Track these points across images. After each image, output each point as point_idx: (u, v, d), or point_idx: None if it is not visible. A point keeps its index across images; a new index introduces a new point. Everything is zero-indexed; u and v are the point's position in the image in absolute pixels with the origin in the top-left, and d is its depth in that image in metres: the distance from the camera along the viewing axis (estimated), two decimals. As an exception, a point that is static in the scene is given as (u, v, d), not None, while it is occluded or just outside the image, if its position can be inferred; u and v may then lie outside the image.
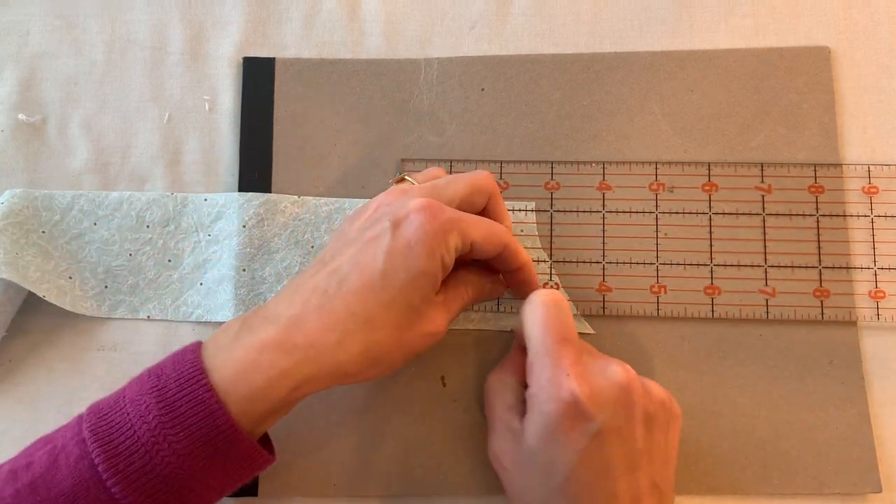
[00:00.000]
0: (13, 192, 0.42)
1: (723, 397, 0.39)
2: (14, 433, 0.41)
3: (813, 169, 0.41)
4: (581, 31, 0.44)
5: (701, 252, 0.41)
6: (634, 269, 0.41)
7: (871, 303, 0.40)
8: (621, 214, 0.41)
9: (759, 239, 0.41)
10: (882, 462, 0.39)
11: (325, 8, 0.45)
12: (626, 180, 0.42)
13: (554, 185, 0.42)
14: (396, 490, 0.39)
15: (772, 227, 0.41)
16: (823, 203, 0.41)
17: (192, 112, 0.44)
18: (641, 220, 0.41)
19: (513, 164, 0.42)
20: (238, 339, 0.32)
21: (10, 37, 0.45)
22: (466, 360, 0.40)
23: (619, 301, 0.41)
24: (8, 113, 0.44)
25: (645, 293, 0.41)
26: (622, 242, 0.41)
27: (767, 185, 0.41)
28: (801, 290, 0.40)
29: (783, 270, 0.40)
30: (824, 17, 0.44)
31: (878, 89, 0.43)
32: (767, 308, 0.40)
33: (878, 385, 0.40)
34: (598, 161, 0.42)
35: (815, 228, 0.41)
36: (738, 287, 0.40)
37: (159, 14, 0.45)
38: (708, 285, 0.40)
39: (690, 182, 0.42)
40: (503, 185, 0.42)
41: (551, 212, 0.42)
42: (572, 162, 0.42)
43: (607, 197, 0.42)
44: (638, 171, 0.42)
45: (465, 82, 0.43)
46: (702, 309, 0.40)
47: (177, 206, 0.43)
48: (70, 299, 0.41)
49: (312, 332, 0.31)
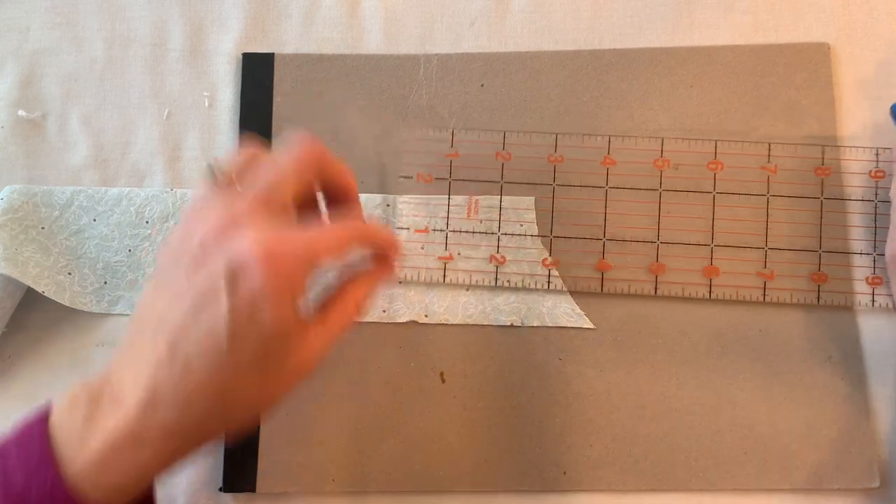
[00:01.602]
0: (13, 188, 0.42)
1: (722, 392, 0.39)
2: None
3: (821, 150, 0.41)
4: (580, 28, 0.44)
5: (702, 232, 0.41)
6: (634, 248, 0.41)
7: (868, 289, 0.40)
8: (624, 191, 0.41)
9: (762, 220, 0.41)
10: (881, 458, 0.39)
11: (325, 4, 0.45)
12: (632, 155, 0.42)
13: (557, 159, 0.42)
14: (395, 486, 0.39)
15: (775, 208, 0.41)
16: (829, 186, 0.41)
17: (191, 108, 0.44)
18: (644, 197, 0.41)
19: (516, 135, 0.42)
20: (88, 426, 0.28)
21: (10, 33, 0.45)
22: (465, 356, 0.40)
23: (617, 279, 0.41)
24: (8, 109, 0.44)
25: (644, 272, 0.41)
26: (623, 220, 0.41)
27: (774, 166, 0.41)
28: (798, 274, 0.40)
29: (783, 253, 0.40)
30: (823, 14, 0.44)
31: (877, 86, 0.43)
32: (765, 291, 0.40)
33: (877, 380, 0.40)
34: (604, 134, 0.42)
35: (819, 212, 0.41)
36: (736, 269, 0.40)
37: (159, 11, 0.45)
38: (707, 266, 0.40)
39: (696, 160, 0.41)
40: (506, 156, 0.42)
41: (553, 185, 0.42)
42: (577, 134, 0.42)
43: (611, 172, 0.41)
44: (644, 146, 0.42)
45: (464, 78, 0.43)
46: (699, 290, 0.40)
47: (176, 202, 0.43)
48: (69, 295, 0.41)
49: (167, 422, 0.28)
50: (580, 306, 0.40)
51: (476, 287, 0.41)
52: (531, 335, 0.40)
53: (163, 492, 0.39)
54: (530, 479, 0.39)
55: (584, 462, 0.39)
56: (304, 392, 0.40)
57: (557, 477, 0.39)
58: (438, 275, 0.41)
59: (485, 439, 0.39)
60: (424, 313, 0.41)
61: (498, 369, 0.40)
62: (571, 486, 0.39)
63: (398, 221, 0.42)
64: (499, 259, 0.41)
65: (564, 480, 0.39)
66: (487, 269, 0.41)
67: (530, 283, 0.40)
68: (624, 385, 0.40)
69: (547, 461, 0.39)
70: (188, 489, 0.39)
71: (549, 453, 0.39)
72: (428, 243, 0.41)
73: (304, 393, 0.40)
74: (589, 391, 0.40)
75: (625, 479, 0.39)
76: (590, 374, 0.40)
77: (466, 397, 0.40)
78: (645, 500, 0.39)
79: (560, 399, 0.40)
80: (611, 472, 0.39)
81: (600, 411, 0.39)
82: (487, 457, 0.39)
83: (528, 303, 0.41)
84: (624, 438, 0.39)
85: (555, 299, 0.40)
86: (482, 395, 0.40)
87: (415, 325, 0.41)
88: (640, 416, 0.39)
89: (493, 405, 0.40)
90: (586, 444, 0.39)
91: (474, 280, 0.41)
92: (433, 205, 0.42)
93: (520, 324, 0.40)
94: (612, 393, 0.40)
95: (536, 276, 0.41)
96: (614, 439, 0.39)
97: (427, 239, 0.41)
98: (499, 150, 0.42)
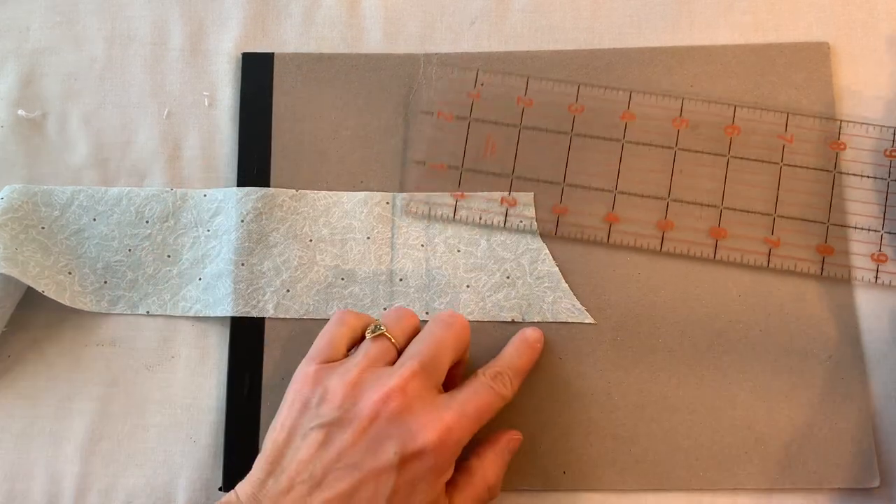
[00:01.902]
0: (12, 187, 0.42)
1: (722, 392, 0.39)
2: (13, 429, 0.41)
3: (838, 125, 0.41)
4: (580, 28, 0.44)
5: (713, 192, 0.41)
6: (645, 203, 0.41)
7: (872, 265, 0.40)
8: (640, 146, 0.42)
9: (773, 188, 0.41)
10: (881, 457, 0.39)
11: (325, 4, 0.45)
12: (651, 112, 0.42)
13: (578, 109, 0.42)
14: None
15: (787, 177, 0.41)
16: (843, 161, 0.41)
17: (191, 108, 0.44)
18: (659, 154, 0.41)
19: (540, 82, 0.42)
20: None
21: (10, 33, 0.45)
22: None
23: (624, 232, 0.41)
24: (8, 109, 0.44)
25: (651, 227, 0.41)
26: (637, 175, 0.41)
27: (790, 136, 0.41)
28: (805, 244, 0.40)
29: (791, 222, 0.40)
30: (823, 14, 0.44)
31: (877, 85, 0.43)
32: (769, 258, 0.40)
33: (878, 380, 0.40)
34: (626, 88, 0.42)
35: (830, 184, 0.41)
36: (744, 232, 0.40)
37: (159, 10, 0.45)
38: (714, 226, 0.40)
39: (714, 122, 0.42)
40: (527, 101, 0.42)
41: (571, 135, 0.42)
42: (600, 86, 0.42)
43: (629, 127, 0.42)
44: (664, 104, 0.42)
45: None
46: (705, 249, 0.40)
47: (176, 202, 0.43)
48: (69, 295, 0.41)
49: None
50: (581, 304, 0.41)
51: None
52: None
53: (163, 491, 0.40)
54: (530, 478, 0.39)
55: (584, 461, 0.39)
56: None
57: (557, 476, 0.39)
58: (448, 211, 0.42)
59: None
60: (425, 310, 0.41)
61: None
62: (571, 485, 0.39)
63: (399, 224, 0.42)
64: (510, 201, 0.42)
65: (564, 480, 0.39)
66: (499, 210, 0.41)
67: (539, 227, 0.41)
68: (624, 385, 0.40)
69: (547, 460, 0.39)
70: (188, 489, 0.39)
71: (549, 452, 0.39)
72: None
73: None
74: (589, 390, 0.40)
75: (625, 478, 0.39)
76: (590, 374, 0.40)
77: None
78: (645, 499, 0.39)
79: (560, 398, 0.39)
80: (611, 471, 0.39)
81: (600, 411, 0.39)
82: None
83: (529, 299, 0.41)
84: (624, 438, 0.39)
85: (555, 295, 0.40)
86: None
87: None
88: (640, 415, 0.39)
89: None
90: (586, 443, 0.39)
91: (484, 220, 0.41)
92: (433, 203, 0.42)
93: (521, 319, 0.40)
94: (612, 392, 0.40)
95: (545, 221, 0.41)
96: (614, 439, 0.39)
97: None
98: (520, 95, 0.42)
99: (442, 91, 0.43)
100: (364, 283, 0.41)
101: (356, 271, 0.41)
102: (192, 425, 0.40)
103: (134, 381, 0.41)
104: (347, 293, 0.41)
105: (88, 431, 0.40)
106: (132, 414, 0.41)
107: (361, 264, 0.41)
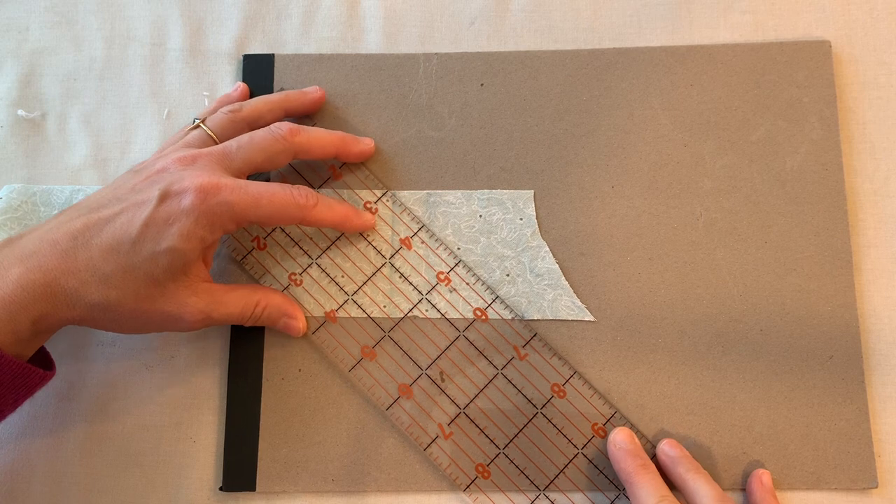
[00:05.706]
0: (12, 187, 0.42)
1: (722, 392, 0.39)
2: (13, 429, 0.41)
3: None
4: (580, 28, 0.44)
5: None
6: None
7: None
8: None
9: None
10: (880, 458, 0.39)
11: (325, 4, 0.45)
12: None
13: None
14: (395, 486, 0.39)
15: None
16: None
17: (191, 108, 0.44)
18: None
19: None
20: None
21: (9, 33, 0.45)
22: (464, 353, 0.40)
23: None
24: (7, 109, 0.44)
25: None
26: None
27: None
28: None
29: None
30: (823, 13, 0.44)
31: (877, 85, 0.43)
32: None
33: (877, 381, 0.40)
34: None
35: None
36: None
37: (159, 10, 0.45)
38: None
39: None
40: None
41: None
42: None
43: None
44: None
45: (464, 78, 0.43)
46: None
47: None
48: (69, 295, 0.41)
49: (51, 274, 0.33)
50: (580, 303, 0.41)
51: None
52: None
53: (163, 491, 0.40)
54: (530, 477, 0.39)
55: (585, 461, 0.39)
56: (305, 391, 0.40)
57: (557, 476, 0.39)
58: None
59: (485, 438, 0.39)
60: (425, 308, 0.41)
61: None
62: (571, 485, 0.39)
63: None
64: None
65: (564, 479, 0.39)
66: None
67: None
68: (624, 385, 0.40)
69: (547, 460, 0.39)
70: (188, 489, 0.40)
71: (549, 452, 0.39)
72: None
73: (305, 392, 0.40)
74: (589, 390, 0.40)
75: (624, 478, 0.39)
76: (590, 374, 0.40)
77: (466, 396, 0.40)
78: (645, 499, 0.39)
79: (560, 398, 0.40)
80: (611, 471, 0.39)
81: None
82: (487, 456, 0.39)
83: (529, 296, 0.40)
84: (624, 438, 0.39)
85: (556, 293, 0.40)
86: (482, 393, 0.40)
87: (414, 320, 0.41)
88: (641, 416, 0.39)
89: (492, 404, 0.40)
90: (586, 443, 0.39)
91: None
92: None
93: (520, 317, 0.40)
94: (612, 392, 0.40)
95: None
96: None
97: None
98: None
99: (442, 91, 0.43)
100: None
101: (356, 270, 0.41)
102: (192, 425, 0.40)
103: (134, 381, 0.41)
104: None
105: (88, 431, 0.40)
106: (132, 414, 0.41)
107: (361, 262, 0.41)
